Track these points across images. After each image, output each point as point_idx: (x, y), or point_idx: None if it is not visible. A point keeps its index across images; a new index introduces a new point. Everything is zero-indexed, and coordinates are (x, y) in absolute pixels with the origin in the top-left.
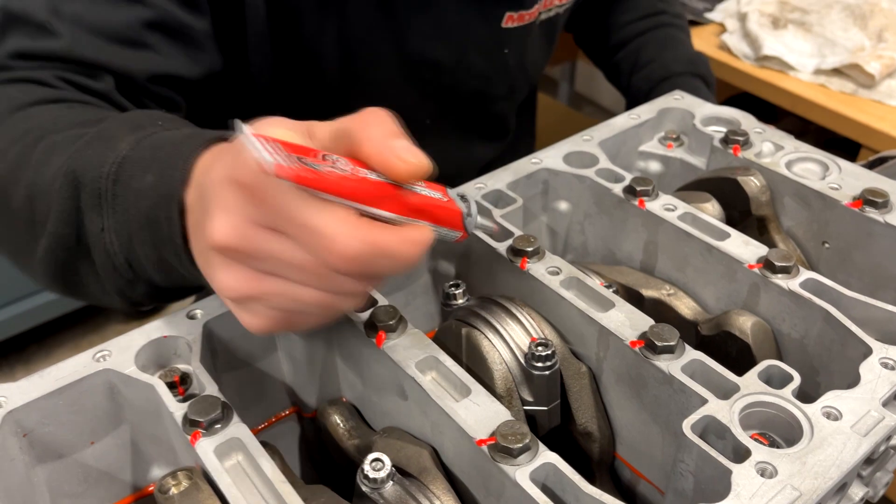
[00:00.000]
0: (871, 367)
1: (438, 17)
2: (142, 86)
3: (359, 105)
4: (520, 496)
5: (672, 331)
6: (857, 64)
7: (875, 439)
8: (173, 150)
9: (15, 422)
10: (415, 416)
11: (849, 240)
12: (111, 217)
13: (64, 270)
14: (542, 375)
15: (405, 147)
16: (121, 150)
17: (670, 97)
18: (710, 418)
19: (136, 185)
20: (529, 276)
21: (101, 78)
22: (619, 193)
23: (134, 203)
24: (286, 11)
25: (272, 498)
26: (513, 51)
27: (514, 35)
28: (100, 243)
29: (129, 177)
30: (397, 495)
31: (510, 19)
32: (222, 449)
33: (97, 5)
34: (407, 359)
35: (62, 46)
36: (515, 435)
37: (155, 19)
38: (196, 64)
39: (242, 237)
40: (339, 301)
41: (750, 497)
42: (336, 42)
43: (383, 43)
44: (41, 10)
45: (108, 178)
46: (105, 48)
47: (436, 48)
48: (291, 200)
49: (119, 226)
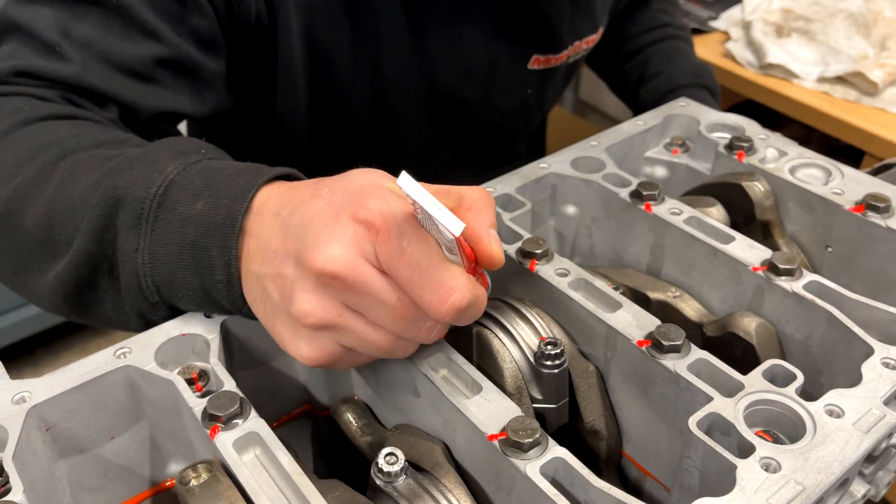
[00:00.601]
0: (872, 367)
1: (468, 59)
2: (145, 120)
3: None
4: (530, 490)
5: (678, 330)
6: (860, 72)
7: (877, 436)
8: (229, 181)
9: (39, 416)
10: (427, 413)
11: (852, 244)
12: (148, 238)
13: (81, 289)
14: (552, 374)
15: (497, 238)
16: (168, 173)
17: (676, 104)
18: (716, 415)
19: (183, 210)
20: (538, 278)
21: (107, 106)
22: (625, 198)
23: (179, 228)
24: (321, 55)
25: (289, 490)
26: (535, 91)
27: (539, 76)
28: (131, 263)
29: (175, 202)
30: (410, 488)
31: (536, 62)
32: (241, 443)
33: (111, 35)
34: (419, 357)
35: (72, 73)
36: (526, 430)
37: (168, 57)
38: (203, 103)
39: (352, 270)
40: (402, 347)
41: (754, 491)
42: (368, 83)
43: (414, 83)
44: (51, 30)
45: (153, 199)
46: (114, 79)
47: (463, 89)
48: (418, 243)
49: (156, 248)
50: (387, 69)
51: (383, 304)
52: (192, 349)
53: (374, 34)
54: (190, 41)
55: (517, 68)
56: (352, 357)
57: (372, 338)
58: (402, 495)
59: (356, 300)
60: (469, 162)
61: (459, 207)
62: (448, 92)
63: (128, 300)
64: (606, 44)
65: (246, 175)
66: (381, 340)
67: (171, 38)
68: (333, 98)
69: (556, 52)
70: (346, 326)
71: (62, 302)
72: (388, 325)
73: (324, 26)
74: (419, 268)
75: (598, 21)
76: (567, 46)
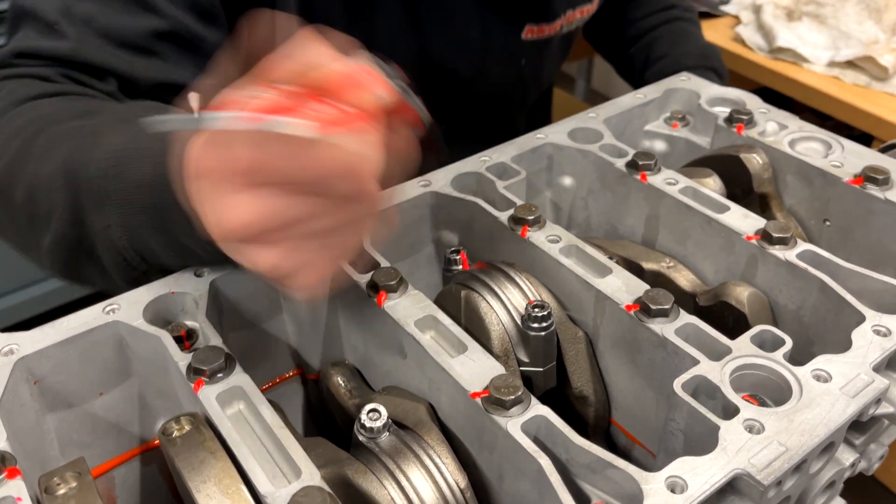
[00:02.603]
0: (863, 334)
1: (461, 29)
2: (145, 91)
3: None
4: (512, 447)
5: (667, 295)
6: (870, 57)
7: (864, 401)
8: (162, 143)
9: (26, 368)
10: (413, 374)
11: (850, 217)
12: (115, 213)
13: (69, 266)
14: (538, 336)
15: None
16: (116, 143)
17: (676, 78)
18: (702, 378)
19: (136, 176)
20: (530, 244)
21: (106, 79)
22: (621, 168)
23: (136, 194)
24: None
25: (271, 444)
26: (529, 62)
27: (533, 47)
28: (108, 240)
29: (126, 170)
30: (392, 444)
31: (530, 32)
32: (224, 397)
33: (110, 9)
34: (407, 317)
35: (67, 48)
36: (508, 388)
37: (167, 30)
38: (203, 74)
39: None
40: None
41: (736, 451)
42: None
43: (406, 53)
44: (52, 9)
45: (104, 175)
46: (112, 52)
47: (456, 59)
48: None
49: (125, 219)
50: (380, 39)
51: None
52: (181, 308)
53: (367, 3)
54: (189, 13)
55: (510, 38)
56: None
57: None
58: (383, 451)
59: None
60: (466, 137)
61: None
62: (441, 62)
63: (116, 274)
64: (612, 27)
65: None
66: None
67: (170, 11)
68: None
69: (549, 22)
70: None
71: (60, 275)
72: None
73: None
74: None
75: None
76: (560, 16)
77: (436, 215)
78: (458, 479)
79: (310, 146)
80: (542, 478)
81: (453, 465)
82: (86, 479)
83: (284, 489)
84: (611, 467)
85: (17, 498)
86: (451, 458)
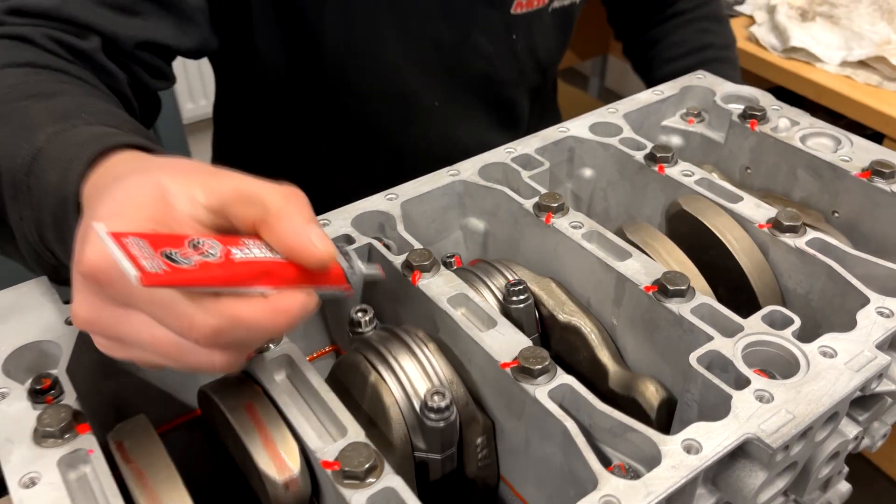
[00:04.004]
0: (867, 315)
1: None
2: (128, 51)
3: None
4: (539, 413)
5: (683, 277)
6: (883, 57)
7: (867, 375)
8: (77, 151)
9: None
10: (444, 348)
11: (857, 209)
12: (27, 208)
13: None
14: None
15: (320, 235)
16: (38, 141)
17: (693, 76)
18: (715, 353)
19: (46, 180)
20: (554, 230)
21: (88, 38)
22: (640, 160)
23: (44, 198)
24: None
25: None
26: (521, 36)
27: (523, 20)
28: (21, 232)
29: (41, 171)
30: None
31: (519, 5)
32: (273, 364)
33: None
34: (440, 295)
35: (52, 5)
36: (536, 358)
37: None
38: (185, 36)
39: (95, 320)
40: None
41: (747, 418)
42: (338, 15)
43: (385, 17)
44: None
45: (21, 170)
46: (95, 10)
47: (439, 27)
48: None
49: (35, 216)
50: (354, 3)
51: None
52: None
53: None
54: None
55: (499, 11)
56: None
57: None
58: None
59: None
60: (462, 115)
61: (266, 220)
62: (421, 29)
63: (32, 264)
64: (644, 68)
65: (92, 146)
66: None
67: None
68: (304, 32)
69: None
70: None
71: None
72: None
73: None
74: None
75: None
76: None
77: (463, 203)
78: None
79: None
80: (567, 440)
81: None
82: (151, 433)
83: (332, 445)
84: (631, 431)
85: (90, 450)
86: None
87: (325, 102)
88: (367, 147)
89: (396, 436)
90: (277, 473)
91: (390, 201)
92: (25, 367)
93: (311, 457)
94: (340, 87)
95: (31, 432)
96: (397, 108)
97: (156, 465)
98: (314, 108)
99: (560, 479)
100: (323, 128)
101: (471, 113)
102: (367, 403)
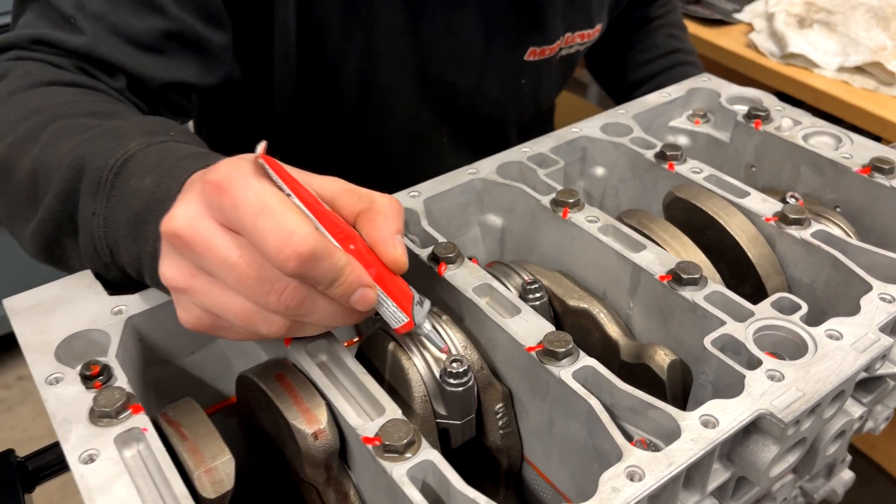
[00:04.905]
0: (870, 300)
1: (463, 45)
2: (153, 90)
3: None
4: (564, 392)
5: (696, 266)
6: (878, 62)
7: (871, 355)
8: (176, 162)
9: (133, 326)
10: (469, 336)
11: (858, 204)
12: (104, 205)
13: (51, 243)
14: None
15: (402, 243)
16: (130, 148)
17: (699, 79)
18: (728, 336)
19: (135, 183)
20: (571, 224)
21: (116, 77)
22: (650, 158)
23: (128, 199)
24: (314, 25)
25: (355, 388)
26: (529, 81)
27: (533, 67)
28: (88, 225)
29: (129, 174)
30: None
31: (532, 53)
32: (312, 349)
33: (121, 8)
34: (465, 285)
35: (84, 43)
36: (560, 342)
37: (174, 30)
38: (209, 74)
39: (191, 227)
40: (260, 319)
41: (760, 395)
42: (359, 57)
43: (405, 62)
44: (68, 3)
45: (111, 170)
46: (123, 50)
47: (456, 73)
48: (263, 194)
49: (109, 214)
50: (378, 46)
51: (225, 262)
52: None
53: (368, 9)
54: (195, 15)
55: (512, 58)
56: (220, 324)
57: (225, 302)
58: None
59: (201, 260)
60: (466, 149)
61: (369, 211)
62: (440, 75)
63: (86, 258)
64: (617, 70)
65: (191, 159)
66: (235, 305)
67: (176, 13)
68: (324, 70)
69: (548, 43)
70: (198, 290)
71: (38, 253)
72: (236, 286)
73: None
74: (260, 213)
75: (594, 17)
76: (559, 37)
77: (482, 199)
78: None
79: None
80: (592, 417)
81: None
82: (196, 407)
83: (372, 423)
84: (652, 408)
85: (143, 428)
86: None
87: (335, 137)
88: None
89: (417, 398)
90: (307, 426)
91: (413, 198)
92: (75, 354)
93: (348, 434)
94: (353, 125)
95: (88, 413)
96: (410, 146)
97: (196, 425)
98: (324, 141)
99: (584, 455)
100: (329, 160)
101: (474, 147)
102: (389, 373)
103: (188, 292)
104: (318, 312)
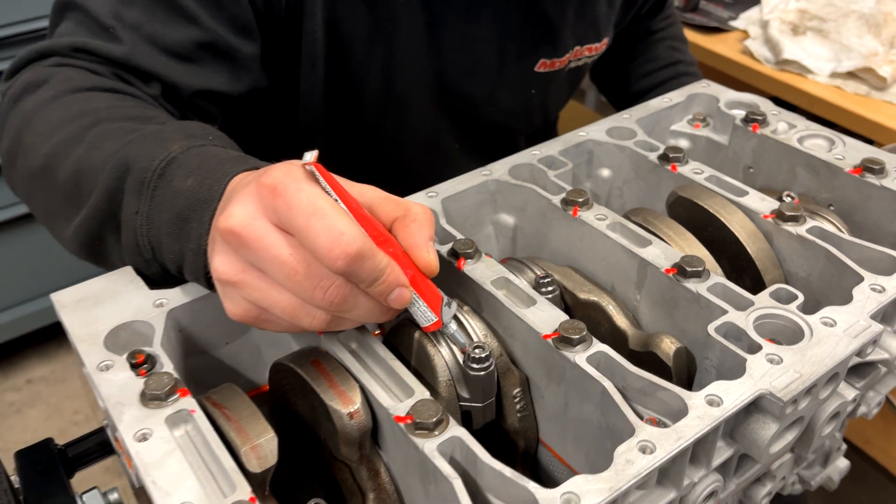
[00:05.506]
0: (862, 290)
1: (478, 57)
2: (186, 98)
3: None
4: (578, 376)
5: (699, 260)
6: (870, 68)
7: (863, 340)
8: (218, 165)
9: (174, 318)
10: (489, 325)
11: (851, 202)
12: (147, 203)
13: (94, 240)
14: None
15: (433, 249)
16: (172, 150)
17: (698, 85)
18: (730, 324)
19: (178, 184)
20: (580, 222)
21: (151, 84)
22: (654, 160)
23: (171, 199)
24: (341, 38)
25: (383, 373)
26: (539, 92)
27: (543, 78)
28: (131, 223)
29: (172, 175)
30: None
31: (543, 65)
32: (343, 337)
33: (156, 19)
34: (484, 278)
35: (123, 53)
36: (574, 329)
37: (206, 40)
38: (238, 82)
39: (246, 225)
40: (304, 313)
41: (760, 377)
42: (381, 69)
43: (424, 73)
44: (105, 13)
45: (155, 171)
46: (159, 59)
47: (471, 84)
48: (315, 198)
49: (152, 213)
50: (399, 58)
51: (277, 259)
52: None
53: (391, 23)
54: (226, 27)
55: (524, 69)
56: (267, 318)
57: (274, 297)
58: None
59: (253, 256)
60: (476, 156)
61: (404, 218)
62: (456, 85)
63: (127, 254)
64: (620, 80)
65: (231, 163)
66: (282, 301)
67: (209, 24)
68: (348, 80)
69: (559, 56)
70: (249, 284)
71: (79, 249)
72: (285, 281)
73: (344, 13)
74: (313, 215)
75: (602, 31)
76: (569, 50)
77: (495, 199)
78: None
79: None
80: (605, 398)
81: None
82: (237, 391)
83: (402, 403)
84: (661, 389)
85: (192, 410)
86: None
87: (355, 143)
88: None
89: (442, 382)
90: (343, 406)
91: (431, 198)
92: (121, 344)
93: (380, 414)
94: (373, 132)
95: (139, 396)
96: (425, 152)
97: (240, 407)
98: (344, 147)
99: (597, 434)
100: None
101: (484, 154)
102: (415, 359)
103: (239, 286)
104: (357, 309)
